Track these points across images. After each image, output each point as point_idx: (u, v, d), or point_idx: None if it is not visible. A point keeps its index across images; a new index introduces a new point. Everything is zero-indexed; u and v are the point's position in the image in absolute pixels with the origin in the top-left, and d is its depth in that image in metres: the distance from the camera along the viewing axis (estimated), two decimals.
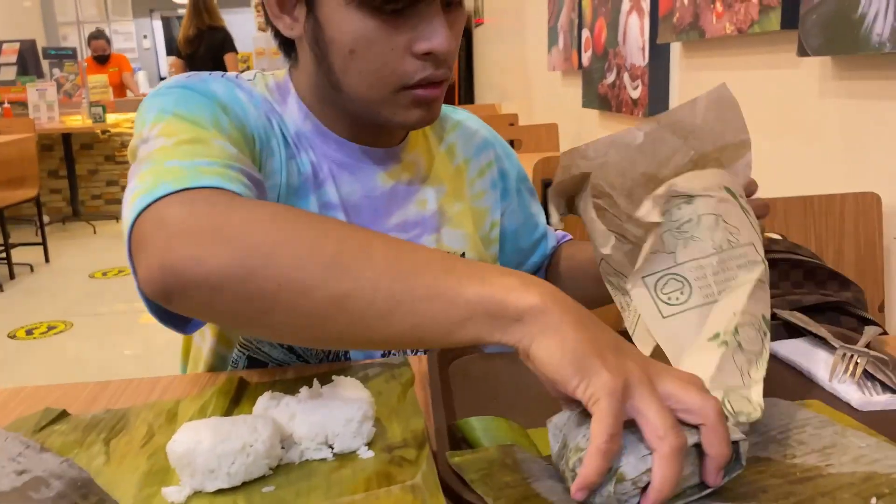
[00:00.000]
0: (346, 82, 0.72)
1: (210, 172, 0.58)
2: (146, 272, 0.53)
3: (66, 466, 0.56)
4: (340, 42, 0.70)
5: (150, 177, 0.58)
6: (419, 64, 0.70)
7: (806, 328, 0.78)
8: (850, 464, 0.54)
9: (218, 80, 0.75)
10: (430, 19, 0.68)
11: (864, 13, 1.07)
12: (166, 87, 0.71)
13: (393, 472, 0.55)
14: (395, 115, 0.73)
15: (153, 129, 0.65)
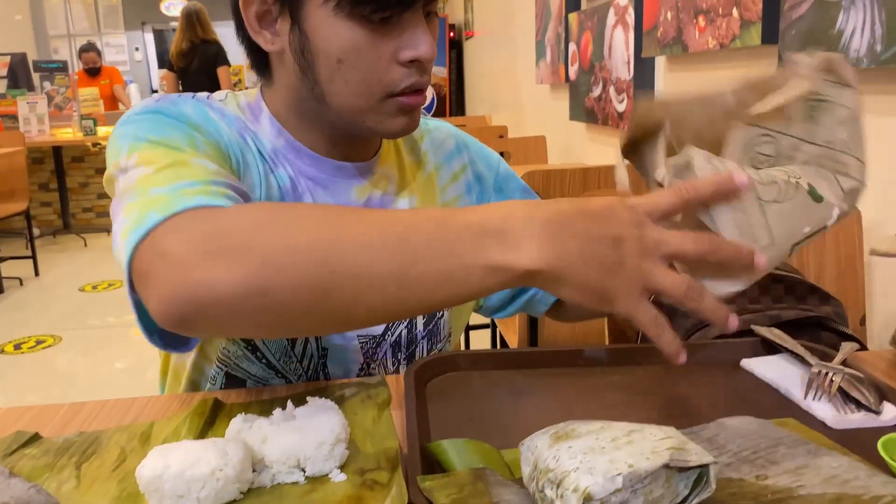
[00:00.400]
0: (332, 91, 0.72)
1: (193, 193, 0.59)
2: (159, 306, 0.53)
3: (34, 492, 0.55)
4: (328, 52, 0.70)
5: (136, 209, 0.58)
6: (405, 72, 0.71)
7: (783, 346, 0.78)
8: (821, 485, 0.54)
9: (188, 102, 0.75)
10: (413, 28, 0.70)
11: (841, 29, 1.08)
12: (135, 114, 0.71)
13: (364, 495, 0.55)
14: (380, 124, 0.74)
15: (130, 159, 0.65)
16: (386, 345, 0.85)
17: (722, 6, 1.45)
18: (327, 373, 0.83)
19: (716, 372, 0.77)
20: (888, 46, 0.99)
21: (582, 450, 0.48)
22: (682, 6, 1.64)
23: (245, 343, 0.80)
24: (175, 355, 0.86)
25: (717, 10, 1.47)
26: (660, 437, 0.49)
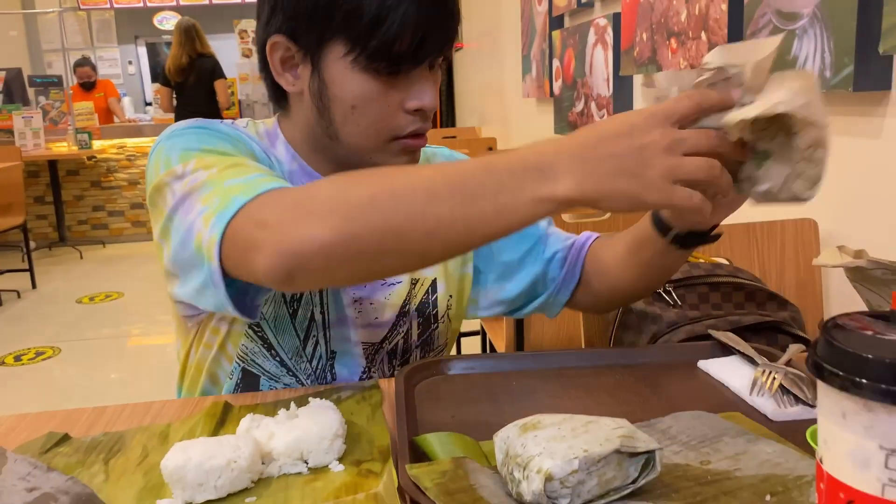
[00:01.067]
0: (344, 132, 0.81)
1: (268, 181, 0.68)
2: (267, 264, 0.62)
3: (72, 483, 0.63)
4: (343, 98, 0.78)
5: (216, 197, 0.68)
6: (410, 118, 0.80)
7: (736, 348, 0.86)
8: (755, 467, 0.62)
9: (222, 123, 0.84)
10: (419, 81, 0.78)
11: (796, 55, 1.18)
12: (180, 129, 0.80)
13: (360, 482, 0.63)
14: (385, 161, 0.82)
15: (187, 165, 0.74)
16: (383, 352, 0.93)
17: (691, 30, 1.55)
18: (334, 374, 0.91)
19: (675, 372, 0.85)
20: (837, 72, 1.08)
21: (546, 438, 0.57)
22: (655, 28, 1.73)
23: (262, 341, 0.88)
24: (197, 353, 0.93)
25: (688, 34, 1.56)
26: (613, 427, 0.58)
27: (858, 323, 0.43)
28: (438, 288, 0.95)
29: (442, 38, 0.78)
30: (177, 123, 0.82)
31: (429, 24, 0.75)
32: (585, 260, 0.99)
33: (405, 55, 0.75)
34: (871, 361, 0.38)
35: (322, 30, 0.76)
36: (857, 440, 0.39)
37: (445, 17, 0.77)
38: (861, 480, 0.39)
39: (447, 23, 0.78)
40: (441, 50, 0.79)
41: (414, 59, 0.76)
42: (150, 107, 7.60)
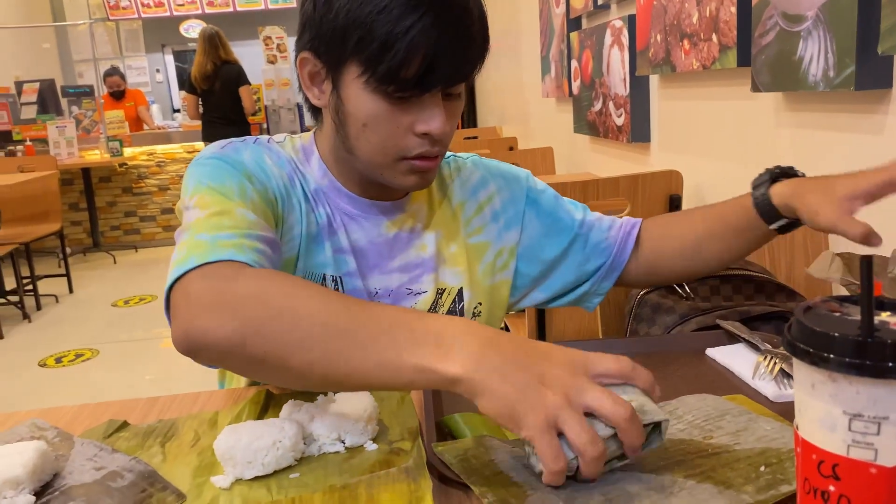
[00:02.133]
0: (357, 147, 0.85)
1: (228, 245, 0.72)
2: (175, 335, 0.67)
3: (135, 462, 0.70)
4: (356, 116, 0.82)
5: (184, 249, 0.73)
6: (418, 141, 0.82)
7: (742, 336, 0.92)
8: (753, 442, 0.67)
9: (249, 148, 0.89)
10: (430, 107, 0.81)
11: (801, 56, 1.22)
12: (205, 158, 0.86)
13: (392, 459, 0.69)
14: (395, 179, 0.86)
15: (192, 199, 0.81)
16: None
17: (703, 31, 1.59)
18: None
19: (684, 359, 0.91)
20: (839, 72, 1.13)
21: None
22: (669, 30, 1.78)
23: None
24: None
25: (699, 35, 1.61)
26: (625, 398, 0.63)
27: (829, 306, 0.48)
28: (465, 296, 0.97)
29: (454, 67, 0.79)
30: (208, 148, 0.89)
31: (438, 52, 0.76)
32: (639, 245, 1.00)
33: (412, 81, 0.77)
34: (836, 339, 0.44)
35: (340, 51, 0.80)
36: (825, 407, 0.45)
37: (460, 46, 0.78)
38: (829, 442, 0.45)
39: (462, 52, 0.79)
40: (452, 79, 0.80)
41: (421, 86, 0.78)
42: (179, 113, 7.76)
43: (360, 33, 0.77)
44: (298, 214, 0.90)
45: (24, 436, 0.77)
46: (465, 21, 0.79)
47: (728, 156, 1.65)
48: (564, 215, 1.02)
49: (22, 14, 7.65)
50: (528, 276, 1.02)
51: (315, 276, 0.90)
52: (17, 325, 4.20)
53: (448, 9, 0.77)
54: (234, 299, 0.66)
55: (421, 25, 0.75)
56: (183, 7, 7.89)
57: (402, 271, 0.94)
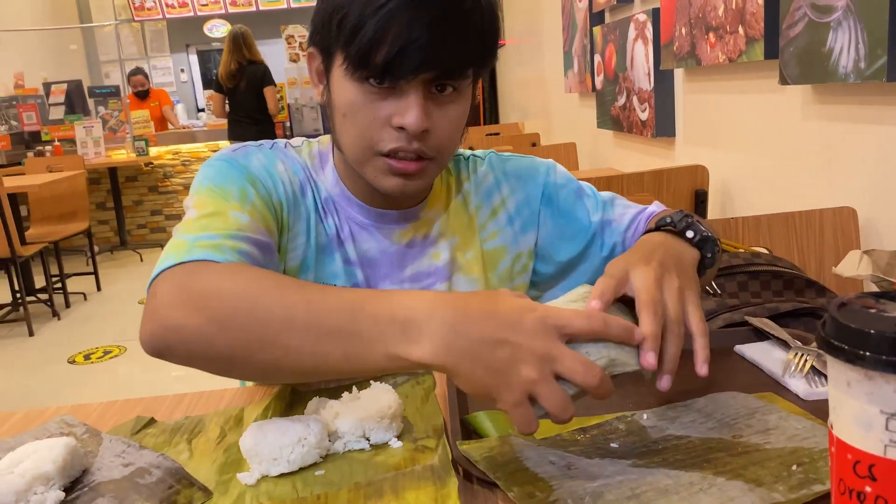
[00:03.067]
0: (340, 141, 0.83)
1: (207, 246, 0.72)
2: (142, 335, 0.68)
3: (162, 459, 0.71)
4: (338, 106, 0.81)
5: (168, 249, 0.74)
6: (394, 135, 0.78)
7: (771, 333, 0.90)
8: (784, 441, 0.66)
9: (263, 152, 0.88)
10: (409, 99, 0.76)
11: (831, 47, 1.20)
12: (214, 160, 0.87)
13: (417, 457, 0.69)
14: (375, 179, 0.82)
15: (192, 199, 0.82)
16: None
17: (729, 24, 1.57)
18: None
19: (713, 356, 0.88)
20: (871, 64, 1.10)
21: None
22: (694, 23, 1.76)
23: None
24: None
25: (725, 28, 1.59)
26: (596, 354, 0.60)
27: (864, 302, 0.47)
28: None
29: (432, 55, 0.74)
30: (219, 151, 0.89)
31: (410, 36, 0.72)
32: None
33: (385, 67, 0.74)
34: (872, 335, 0.43)
35: (329, 40, 0.79)
36: (861, 406, 0.44)
37: (438, 33, 0.73)
38: (865, 442, 0.44)
39: (441, 40, 0.73)
40: (427, 67, 0.74)
41: (393, 72, 0.74)
42: (203, 113, 7.84)
43: (340, 15, 0.75)
44: (306, 224, 0.89)
45: (53, 432, 0.78)
46: (449, 7, 0.74)
47: (755, 150, 1.63)
48: (582, 216, 0.96)
49: (49, 16, 7.76)
50: (545, 276, 0.99)
51: None
52: (46, 322, 4.27)
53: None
54: (195, 296, 0.66)
55: (392, 6, 0.72)
56: (206, 7, 7.96)
57: (414, 281, 0.93)
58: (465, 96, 0.82)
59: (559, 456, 0.65)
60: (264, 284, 0.66)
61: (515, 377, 0.56)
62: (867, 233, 1.24)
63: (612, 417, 0.72)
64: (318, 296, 0.63)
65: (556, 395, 0.56)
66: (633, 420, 0.72)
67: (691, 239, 0.77)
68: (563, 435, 0.69)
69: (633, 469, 0.61)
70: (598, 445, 0.67)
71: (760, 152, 1.60)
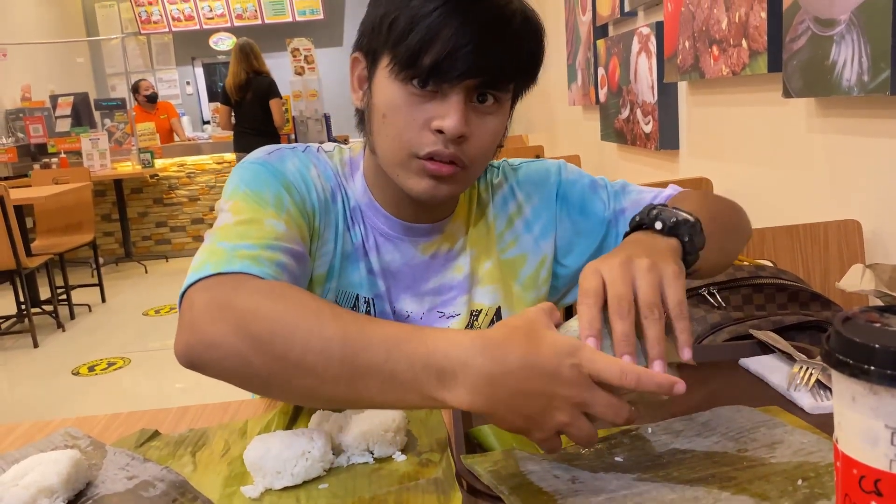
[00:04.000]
0: (377, 143, 0.83)
1: (245, 256, 0.72)
2: (178, 349, 0.67)
3: (166, 472, 0.71)
4: (378, 107, 0.81)
5: (204, 255, 0.73)
6: (432, 138, 0.78)
7: (775, 346, 0.90)
8: (790, 455, 0.66)
9: (297, 156, 0.88)
10: (450, 104, 0.77)
11: (834, 61, 1.20)
12: (249, 163, 0.86)
13: (421, 471, 0.69)
14: (407, 180, 0.82)
15: (228, 202, 0.81)
16: None
17: (732, 37, 1.58)
18: None
19: (718, 369, 0.89)
20: (874, 77, 1.11)
21: None
22: (697, 36, 1.76)
23: None
24: None
25: (729, 41, 1.59)
26: None
27: (868, 316, 0.47)
28: (503, 315, 0.94)
29: (480, 60, 0.75)
30: (255, 152, 0.88)
31: (462, 40, 0.74)
32: None
33: (431, 68, 0.75)
34: (877, 350, 0.43)
35: (377, 42, 0.80)
36: (866, 420, 0.44)
37: (486, 40, 0.75)
38: (871, 457, 0.44)
39: (488, 47, 0.75)
40: (479, 74, 0.76)
41: (440, 74, 0.75)
42: (208, 125, 7.87)
43: (391, 19, 0.77)
44: (334, 231, 0.89)
45: (58, 444, 0.78)
46: (498, 16, 0.76)
47: (759, 162, 1.63)
48: (598, 209, 0.97)
49: (57, 30, 7.83)
50: (566, 275, 0.98)
51: (349, 295, 0.89)
52: (51, 333, 4.28)
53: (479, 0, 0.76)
54: (235, 314, 0.65)
55: (446, 9, 0.74)
56: (212, 20, 8.01)
57: (435, 294, 0.92)
58: (503, 111, 0.83)
59: (564, 469, 0.65)
60: (303, 311, 0.65)
61: (549, 421, 0.59)
62: (872, 245, 1.24)
63: (617, 431, 0.72)
64: (354, 328, 0.62)
65: (583, 431, 0.59)
66: (637, 433, 0.71)
67: (661, 230, 0.73)
68: (567, 448, 0.69)
69: (638, 483, 0.61)
70: (603, 459, 0.67)
71: (764, 165, 1.60)
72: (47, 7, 7.75)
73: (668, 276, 0.64)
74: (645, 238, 0.72)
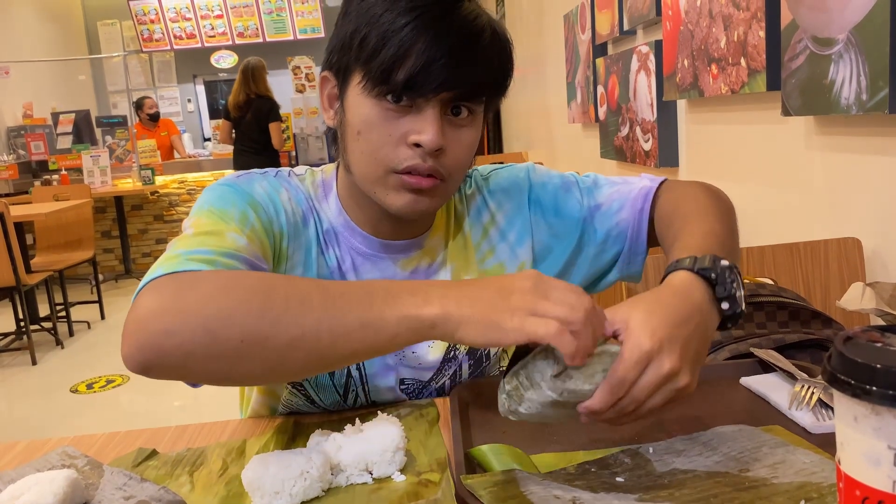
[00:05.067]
0: (352, 161, 0.82)
1: (199, 260, 0.70)
2: (125, 349, 0.63)
3: (164, 492, 0.70)
4: (352, 124, 0.80)
5: (157, 262, 0.72)
6: (409, 153, 0.78)
7: (777, 365, 0.90)
8: (792, 475, 0.65)
9: (267, 179, 0.88)
10: (426, 117, 0.77)
11: (833, 79, 1.21)
12: (218, 184, 0.86)
13: (420, 491, 0.68)
14: (386, 197, 0.81)
15: (191, 220, 0.80)
16: (430, 390, 0.94)
17: (731, 56, 1.58)
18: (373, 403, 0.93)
19: (719, 388, 0.89)
20: (872, 96, 1.11)
21: None
22: (696, 55, 1.77)
23: (304, 397, 0.91)
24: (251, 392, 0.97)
25: (728, 60, 1.60)
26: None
27: (870, 336, 0.47)
28: None
29: (452, 74, 0.76)
30: (225, 177, 0.88)
31: (432, 54, 0.74)
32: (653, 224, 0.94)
33: (405, 83, 0.75)
34: (878, 370, 0.42)
35: (347, 60, 0.79)
36: (869, 441, 0.43)
37: (459, 53, 0.76)
38: (874, 478, 0.43)
39: (461, 61, 0.76)
40: (452, 87, 0.76)
41: (413, 89, 0.76)
42: (209, 142, 7.91)
43: (361, 35, 0.77)
44: (306, 255, 0.88)
45: (55, 464, 0.77)
46: (469, 30, 0.77)
47: (758, 180, 1.63)
48: (572, 209, 0.96)
49: (59, 47, 7.88)
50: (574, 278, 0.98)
51: None
52: (49, 351, 4.27)
53: (449, 14, 0.76)
54: (194, 301, 0.63)
55: (417, 24, 0.75)
56: (214, 38, 8.07)
57: None
58: (477, 122, 0.83)
59: (564, 490, 0.64)
60: (271, 276, 0.68)
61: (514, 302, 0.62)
62: (872, 264, 1.24)
63: (618, 451, 0.72)
64: (328, 282, 0.67)
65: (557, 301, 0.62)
66: (638, 453, 0.71)
67: (724, 310, 0.71)
68: (568, 469, 0.69)
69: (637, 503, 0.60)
70: (604, 479, 0.66)
71: (764, 182, 1.60)
72: (50, 25, 7.81)
73: (683, 394, 0.66)
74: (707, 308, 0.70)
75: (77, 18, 8.44)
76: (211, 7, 7.95)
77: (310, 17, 7.99)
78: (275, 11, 7.95)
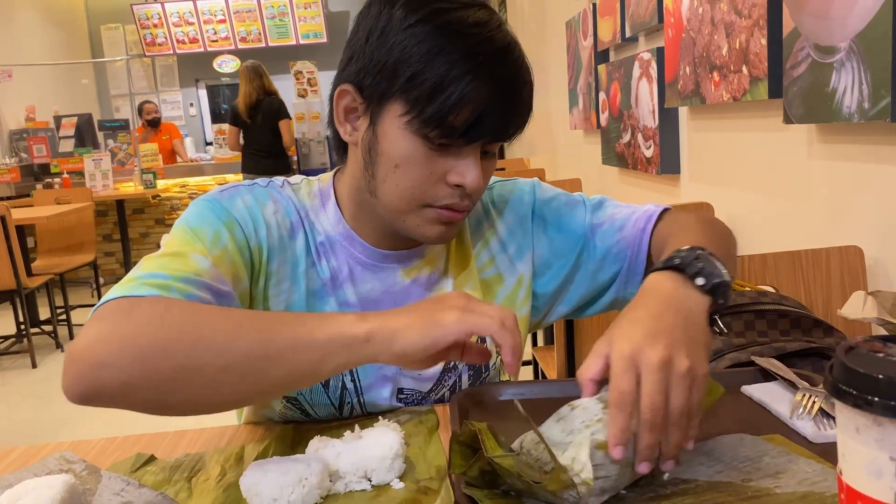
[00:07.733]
0: (383, 190, 0.82)
1: (153, 285, 0.71)
2: (64, 382, 0.65)
3: (161, 498, 0.70)
4: (389, 156, 0.79)
5: (119, 282, 0.73)
6: (448, 191, 0.80)
7: (778, 373, 0.89)
8: (794, 485, 0.65)
9: (252, 193, 0.87)
10: (468, 159, 0.79)
11: (835, 87, 1.21)
12: (201, 199, 0.86)
13: (419, 498, 0.68)
14: (417, 228, 0.83)
15: (167, 236, 0.81)
16: (430, 401, 0.93)
17: (733, 63, 1.58)
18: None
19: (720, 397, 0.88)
20: (874, 104, 1.11)
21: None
22: (698, 62, 1.77)
23: (299, 410, 0.91)
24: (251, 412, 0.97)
25: (729, 67, 1.60)
26: None
27: (872, 346, 0.47)
28: (488, 339, 0.92)
29: (502, 123, 0.78)
30: (211, 190, 0.88)
31: (490, 104, 0.76)
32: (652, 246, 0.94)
33: (459, 129, 0.76)
34: (880, 381, 0.42)
35: (387, 87, 0.77)
36: (870, 452, 0.43)
37: (511, 104, 0.78)
38: (875, 489, 0.43)
39: (511, 110, 0.79)
40: (498, 134, 0.80)
41: (466, 136, 0.77)
42: (211, 146, 7.92)
43: (412, 70, 0.75)
44: (293, 268, 0.88)
45: (52, 469, 0.77)
46: (517, 81, 0.79)
47: (760, 188, 1.63)
48: (574, 226, 0.97)
49: (62, 51, 7.90)
50: (546, 294, 0.98)
51: None
52: (49, 354, 4.26)
53: (504, 64, 0.78)
54: (131, 328, 0.65)
55: (478, 74, 0.75)
56: (216, 43, 8.09)
57: None
58: (496, 158, 0.86)
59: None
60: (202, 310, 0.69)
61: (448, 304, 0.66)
62: (874, 272, 1.24)
63: None
64: (257, 314, 0.71)
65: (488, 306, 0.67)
66: None
67: (702, 286, 0.70)
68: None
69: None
70: None
71: (766, 190, 1.60)
72: (53, 29, 7.83)
73: (699, 381, 0.63)
74: (683, 296, 0.69)
75: (80, 22, 8.47)
76: (214, 12, 7.97)
77: (312, 23, 8.01)
78: (277, 16, 7.97)
